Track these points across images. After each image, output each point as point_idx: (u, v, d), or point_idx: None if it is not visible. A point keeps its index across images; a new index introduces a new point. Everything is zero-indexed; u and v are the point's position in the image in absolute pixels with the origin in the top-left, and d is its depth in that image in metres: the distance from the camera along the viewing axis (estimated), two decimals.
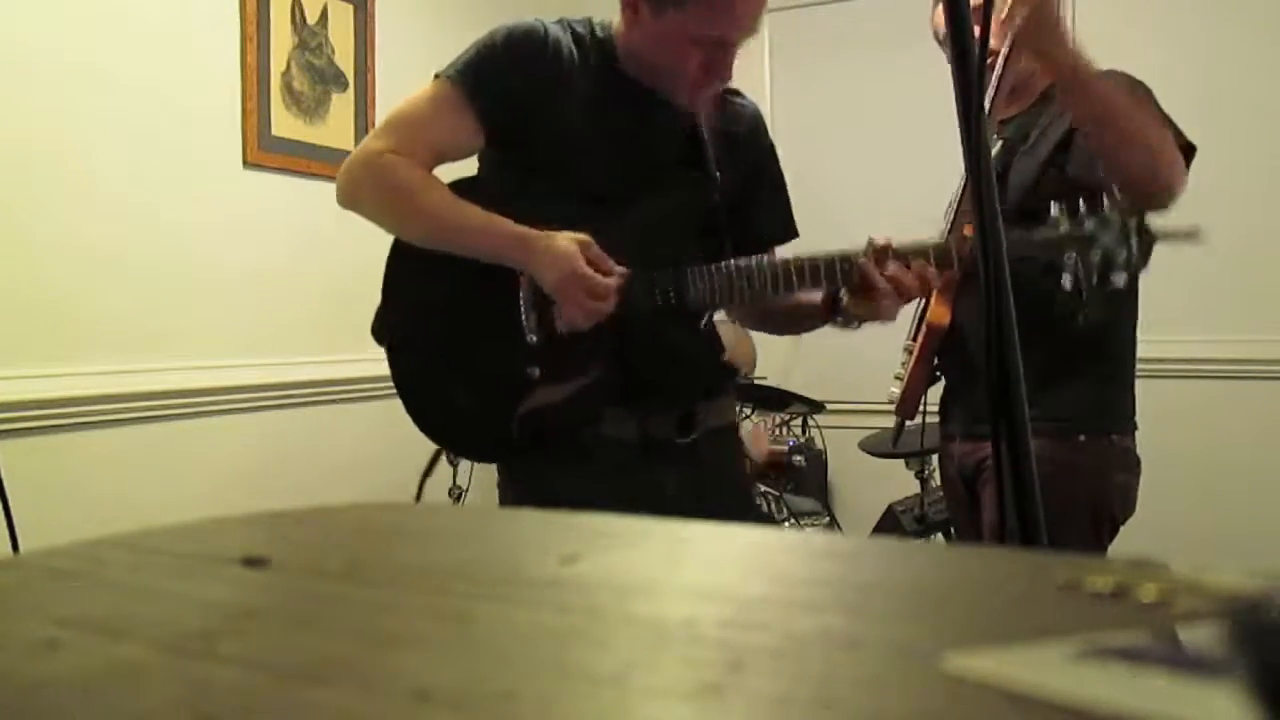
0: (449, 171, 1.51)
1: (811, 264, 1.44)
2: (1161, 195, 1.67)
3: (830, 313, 1.55)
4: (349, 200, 1.51)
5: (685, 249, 1.49)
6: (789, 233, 1.68)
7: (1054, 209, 1.42)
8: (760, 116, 1.67)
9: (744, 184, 1.60)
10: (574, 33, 1.51)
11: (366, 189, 1.48)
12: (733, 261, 1.46)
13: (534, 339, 1.47)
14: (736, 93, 1.63)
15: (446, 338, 1.51)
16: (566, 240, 1.39)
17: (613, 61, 1.50)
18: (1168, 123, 1.72)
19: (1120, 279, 1.40)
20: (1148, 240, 1.43)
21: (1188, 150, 1.71)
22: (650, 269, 1.45)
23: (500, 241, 1.42)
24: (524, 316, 1.46)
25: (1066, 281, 1.39)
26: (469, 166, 1.56)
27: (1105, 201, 1.41)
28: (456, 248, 1.45)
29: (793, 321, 1.71)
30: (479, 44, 1.49)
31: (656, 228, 1.49)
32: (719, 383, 1.65)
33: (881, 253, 1.42)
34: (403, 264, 1.52)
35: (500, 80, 1.46)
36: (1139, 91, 1.77)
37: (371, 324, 1.55)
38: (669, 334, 1.50)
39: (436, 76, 1.48)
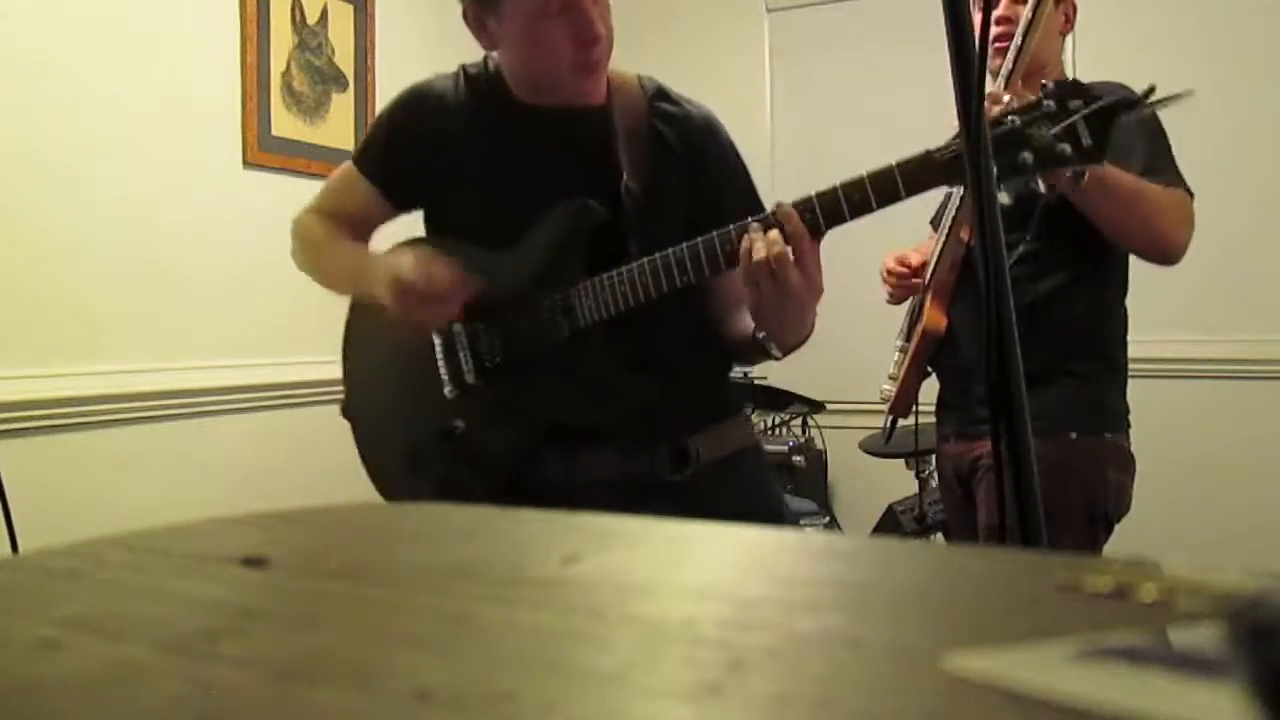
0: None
1: (690, 247, 1.30)
2: (1165, 258, 1.73)
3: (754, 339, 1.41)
4: (297, 265, 1.60)
5: (583, 268, 1.39)
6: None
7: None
8: (708, 127, 1.51)
9: (694, 193, 1.46)
10: (467, 77, 1.49)
11: (297, 252, 1.59)
12: (617, 270, 1.35)
13: (450, 391, 1.45)
14: (675, 100, 1.51)
15: (386, 402, 1.54)
16: (399, 255, 1.39)
17: (508, 94, 1.46)
18: (1167, 159, 1.73)
19: (1078, 167, 1.15)
20: (1101, 114, 1.13)
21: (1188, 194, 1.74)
22: (555, 290, 1.39)
23: (361, 277, 1.45)
24: (440, 369, 1.46)
25: (1005, 196, 1.13)
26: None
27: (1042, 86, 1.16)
28: (349, 293, 1.53)
29: (748, 352, 1.51)
30: (376, 118, 1.56)
31: (554, 253, 1.41)
32: (704, 418, 1.46)
33: (762, 222, 1.26)
34: (349, 336, 1.59)
35: (390, 154, 1.50)
36: (1140, 122, 1.77)
37: (341, 404, 1.60)
38: (588, 367, 1.40)
39: (353, 153, 1.57)
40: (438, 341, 1.45)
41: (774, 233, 1.24)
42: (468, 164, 1.45)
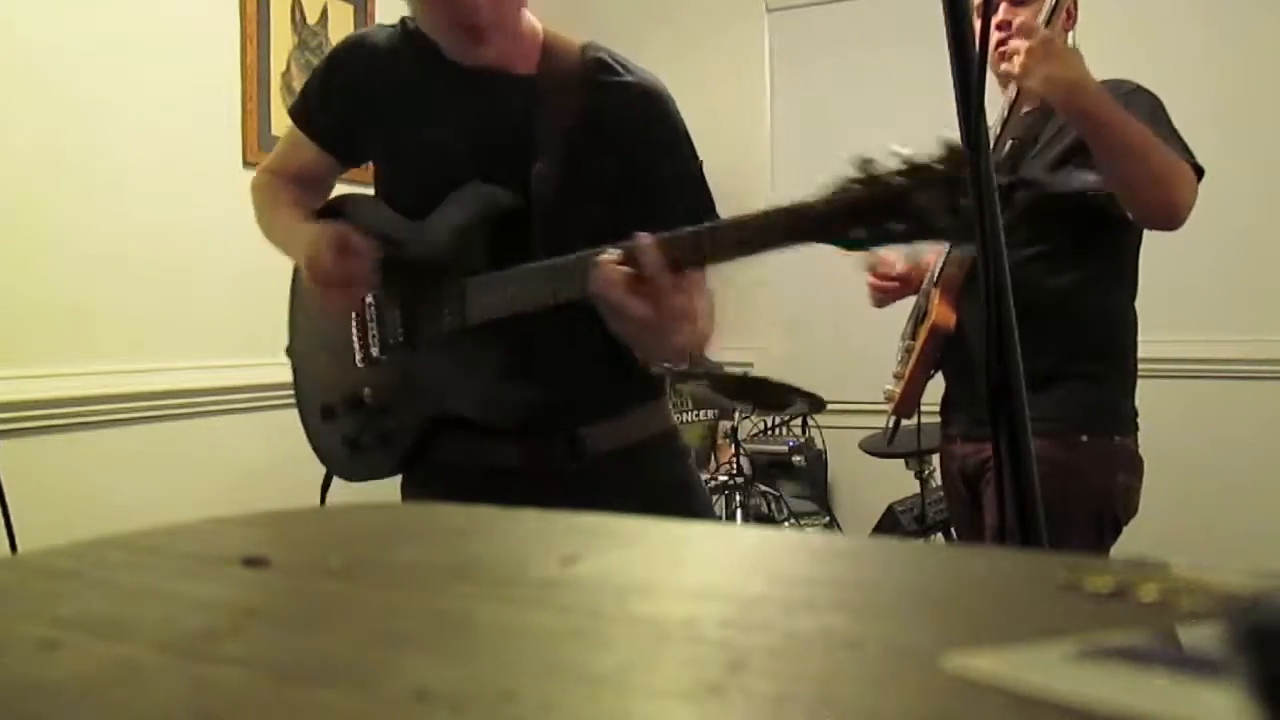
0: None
1: (580, 259, 1.19)
2: (1170, 220, 1.71)
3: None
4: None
5: (486, 256, 1.33)
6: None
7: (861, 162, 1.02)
8: (651, 98, 1.39)
9: (622, 174, 1.35)
10: (406, 30, 1.41)
11: (256, 216, 1.55)
12: (515, 269, 1.28)
13: (360, 360, 1.43)
14: (618, 70, 1.39)
15: (313, 354, 1.54)
16: (318, 230, 1.37)
17: (437, 49, 1.37)
18: (1179, 144, 1.73)
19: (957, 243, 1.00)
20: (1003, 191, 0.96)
21: (1196, 172, 1.73)
22: (456, 277, 1.34)
23: (290, 245, 1.45)
24: (353, 337, 1.44)
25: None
26: None
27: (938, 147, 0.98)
28: (289, 257, 1.49)
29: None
30: (314, 69, 1.51)
31: (457, 237, 1.34)
32: (599, 403, 1.39)
33: (627, 256, 1.13)
34: (296, 278, 1.57)
35: (324, 104, 1.45)
36: (1151, 107, 1.77)
37: (287, 347, 1.61)
38: (476, 361, 1.34)
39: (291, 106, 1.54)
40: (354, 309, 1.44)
41: (616, 267, 1.13)
42: (392, 119, 1.39)
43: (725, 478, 3.19)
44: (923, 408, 2.04)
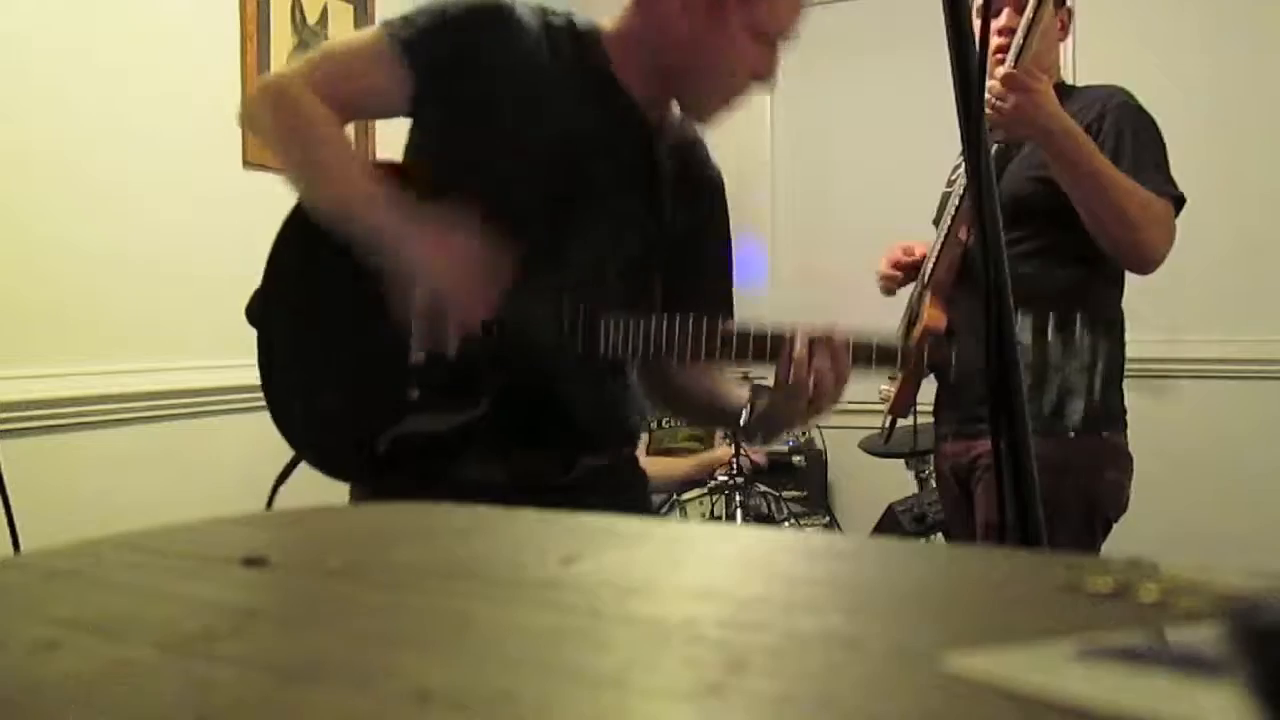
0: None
1: (742, 331, 1.27)
2: (1143, 264, 1.77)
3: (740, 415, 1.37)
4: (249, 123, 1.39)
5: (610, 287, 1.30)
6: (724, 310, 1.43)
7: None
8: (720, 176, 1.46)
9: (692, 224, 1.39)
10: (548, 23, 1.31)
11: (267, 115, 1.31)
12: (656, 316, 1.28)
13: (419, 357, 1.28)
14: (699, 131, 1.43)
15: (326, 333, 1.34)
16: (464, 236, 1.22)
17: (595, 61, 1.32)
18: (1159, 173, 1.75)
19: (1075, 418, 1.17)
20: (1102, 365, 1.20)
21: (1177, 203, 1.76)
22: (564, 303, 1.28)
23: (341, 184, 1.25)
24: (414, 328, 1.27)
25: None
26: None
27: (1077, 322, 1.19)
28: (330, 203, 1.26)
29: (702, 413, 1.54)
30: (433, 3, 1.30)
31: (583, 255, 1.29)
32: (614, 443, 1.41)
33: (817, 342, 1.25)
34: (295, 232, 1.34)
35: (443, 46, 1.28)
36: (1136, 126, 1.78)
37: (248, 303, 1.35)
38: (569, 381, 1.31)
39: (385, 24, 1.29)
40: (422, 293, 1.26)
41: (825, 358, 1.24)
42: (517, 106, 1.28)
43: (725, 478, 3.18)
44: (921, 407, 2.04)
